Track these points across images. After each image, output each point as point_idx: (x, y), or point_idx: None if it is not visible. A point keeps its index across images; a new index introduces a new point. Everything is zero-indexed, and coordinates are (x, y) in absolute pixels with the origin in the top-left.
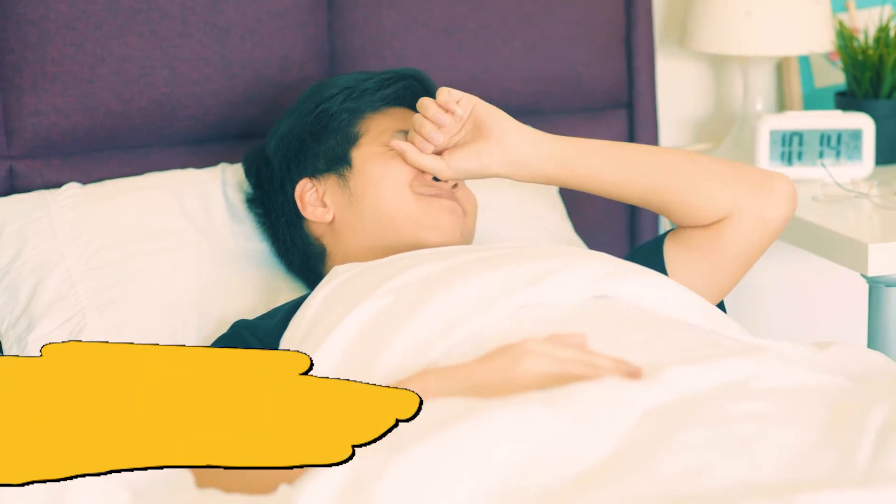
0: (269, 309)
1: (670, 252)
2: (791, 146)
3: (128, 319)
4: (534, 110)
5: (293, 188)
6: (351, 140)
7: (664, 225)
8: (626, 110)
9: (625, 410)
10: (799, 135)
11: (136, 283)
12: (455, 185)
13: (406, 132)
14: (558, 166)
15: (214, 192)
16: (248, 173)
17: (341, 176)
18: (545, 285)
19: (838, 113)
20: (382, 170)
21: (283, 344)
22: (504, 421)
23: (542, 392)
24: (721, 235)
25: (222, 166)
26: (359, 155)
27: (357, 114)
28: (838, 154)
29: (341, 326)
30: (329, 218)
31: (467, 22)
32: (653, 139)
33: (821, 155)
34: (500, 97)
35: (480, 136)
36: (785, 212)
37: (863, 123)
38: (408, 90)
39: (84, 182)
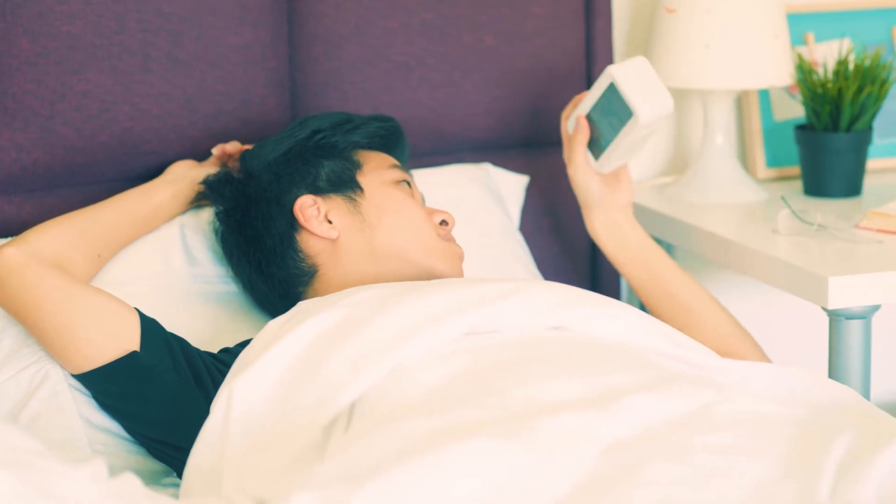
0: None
1: None
2: None
3: None
4: (495, 144)
5: (291, 202)
6: (355, 166)
7: None
8: None
9: (586, 444)
10: None
11: None
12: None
13: (400, 168)
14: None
15: (172, 236)
16: (218, 192)
17: (350, 199)
18: (499, 307)
19: None
20: (397, 203)
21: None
22: (464, 454)
23: (502, 424)
24: None
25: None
26: (367, 182)
27: (352, 145)
28: None
29: (301, 328)
30: (334, 235)
31: (428, 56)
32: None
33: None
34: (460, 131)
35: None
36: None
37: None
38: (388, 131)
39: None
